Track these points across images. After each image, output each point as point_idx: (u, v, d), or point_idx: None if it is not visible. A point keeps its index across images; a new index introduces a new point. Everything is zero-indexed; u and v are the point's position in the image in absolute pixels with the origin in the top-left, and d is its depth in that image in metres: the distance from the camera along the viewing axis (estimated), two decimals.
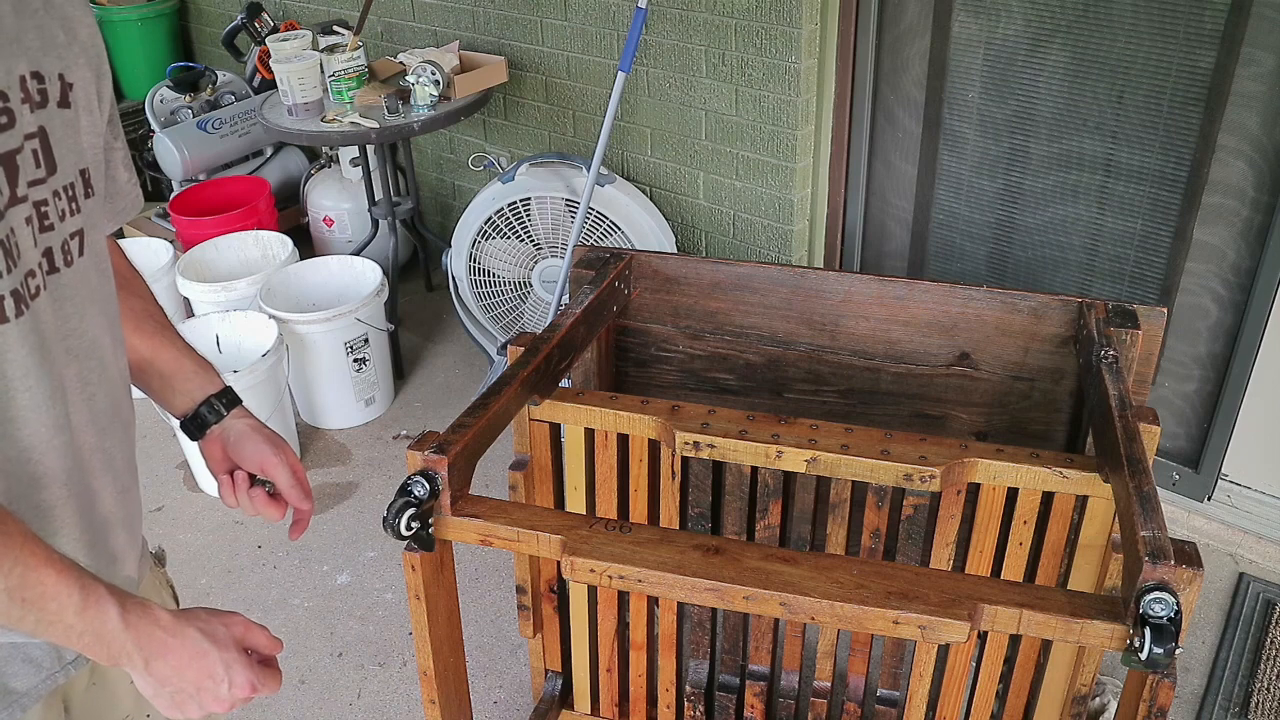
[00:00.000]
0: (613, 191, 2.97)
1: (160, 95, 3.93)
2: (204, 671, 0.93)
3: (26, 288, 0.88)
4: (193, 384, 1.17)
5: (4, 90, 0.85)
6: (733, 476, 1.66)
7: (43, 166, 0.89)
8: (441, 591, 1.36)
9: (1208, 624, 2.31)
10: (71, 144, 0.93)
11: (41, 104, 0.89)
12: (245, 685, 0.95)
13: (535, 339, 1.57)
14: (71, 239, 0.94)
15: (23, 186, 0.87)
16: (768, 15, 2.63)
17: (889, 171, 2.81)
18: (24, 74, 0.87)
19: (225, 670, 0.94)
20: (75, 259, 0.95)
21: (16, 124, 0.86)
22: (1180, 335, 2.45)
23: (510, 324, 3.18)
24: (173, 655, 0.91)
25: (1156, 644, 1.03)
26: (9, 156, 0.86)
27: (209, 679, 0.93)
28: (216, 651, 0.93)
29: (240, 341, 2.95)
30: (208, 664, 0.93)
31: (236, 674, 0.95)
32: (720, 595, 1.17)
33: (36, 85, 0.89)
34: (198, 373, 1.17)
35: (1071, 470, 1.43)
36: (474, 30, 3.37)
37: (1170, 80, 2.26)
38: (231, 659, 0.95)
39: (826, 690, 1.84)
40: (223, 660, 0.94)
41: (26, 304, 0.88)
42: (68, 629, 0.85)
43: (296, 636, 2.40)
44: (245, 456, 1.16)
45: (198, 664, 0.92)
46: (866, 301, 1.77)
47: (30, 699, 0.97)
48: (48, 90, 0.90)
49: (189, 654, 0.92)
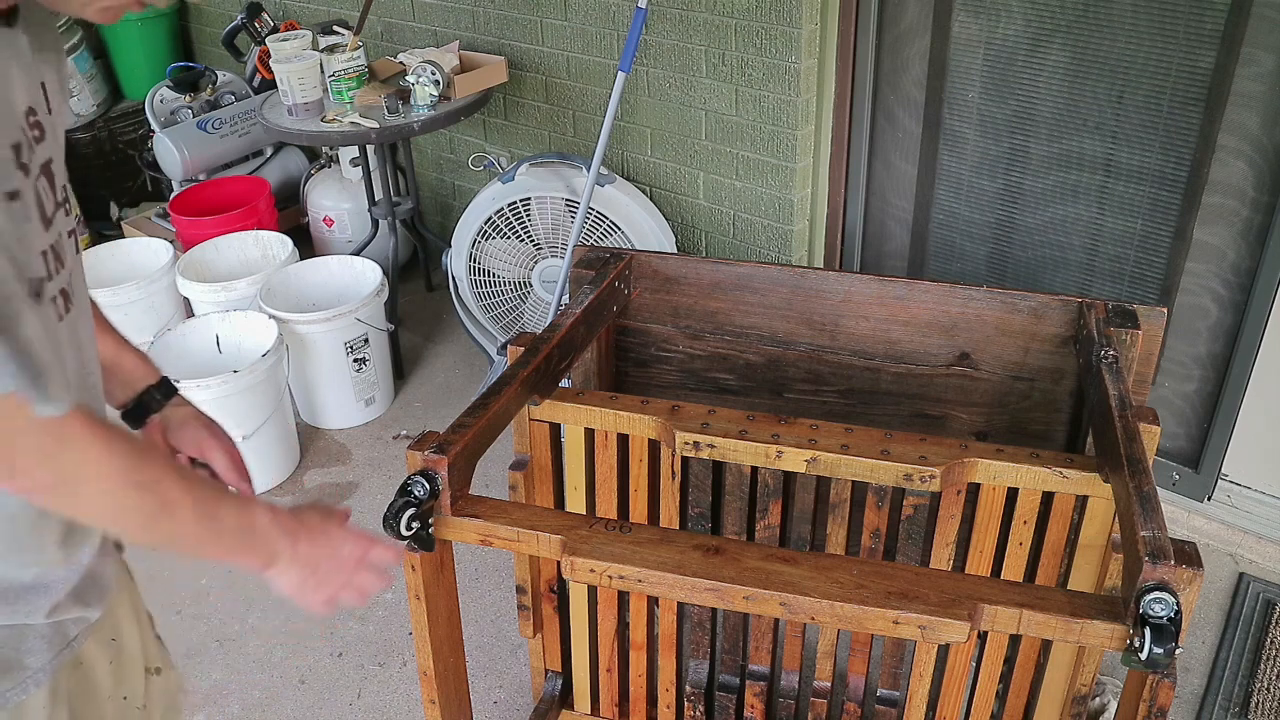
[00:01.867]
0: (613, 191, 2.97)
1: (160, 95, 3.93)
2: (329, 543, 1.07)
3: (71, 287, 0.94)
4: (134, 375, 1.23)
5: (33, 105, 0.89)
6: (733, 476, 1.66)
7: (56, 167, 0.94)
8: (441, 591, 1.37)
9: (1208, 624, 2.31)
10: (56, 143, 0.96)
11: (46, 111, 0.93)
12: (356, 546, 1.09)
13: (535, 339, 1.57)
14: (69, 236, 0.98)
15: (60, 191, 0.93)
16: (768, 15, 2.63)
17: (889, 171, 2.81)
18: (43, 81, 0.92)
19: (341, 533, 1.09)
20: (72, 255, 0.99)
21: (46, 135, 0.89)
22: (1180, 335, 2.45)
23: (510, 324, 3.18)
24: (308, 537, 1.05)
25: (1156, 644, 1.03)
26: (47, 166, 0.91)
27: (334, 547, 1.08)
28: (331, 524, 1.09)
29: (240, 341, 2.95)
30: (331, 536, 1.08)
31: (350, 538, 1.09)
32: (720, 595, 1.17)
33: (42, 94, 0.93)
34: (138, 364, 1.23)
35: (1071, 470, 1.43)
36: (474, 30, 3.37)
37: (1170, 80, 2.26)
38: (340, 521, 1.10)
39: (826, 690, 1.84)
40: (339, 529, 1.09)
41: (68, 308, 0.93)
42: (236, 533, 0.99)
43: (296, 636, 2.40)
44: (184, 441, 1.23)
45: (324, 538, 1.07)
46: (866, 301, 1.77)
47: (44, 675, 1.02)
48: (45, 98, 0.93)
49: (316, 531, 1.06)
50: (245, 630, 2.43)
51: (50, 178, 0.92)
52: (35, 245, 0.88)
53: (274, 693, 2.27)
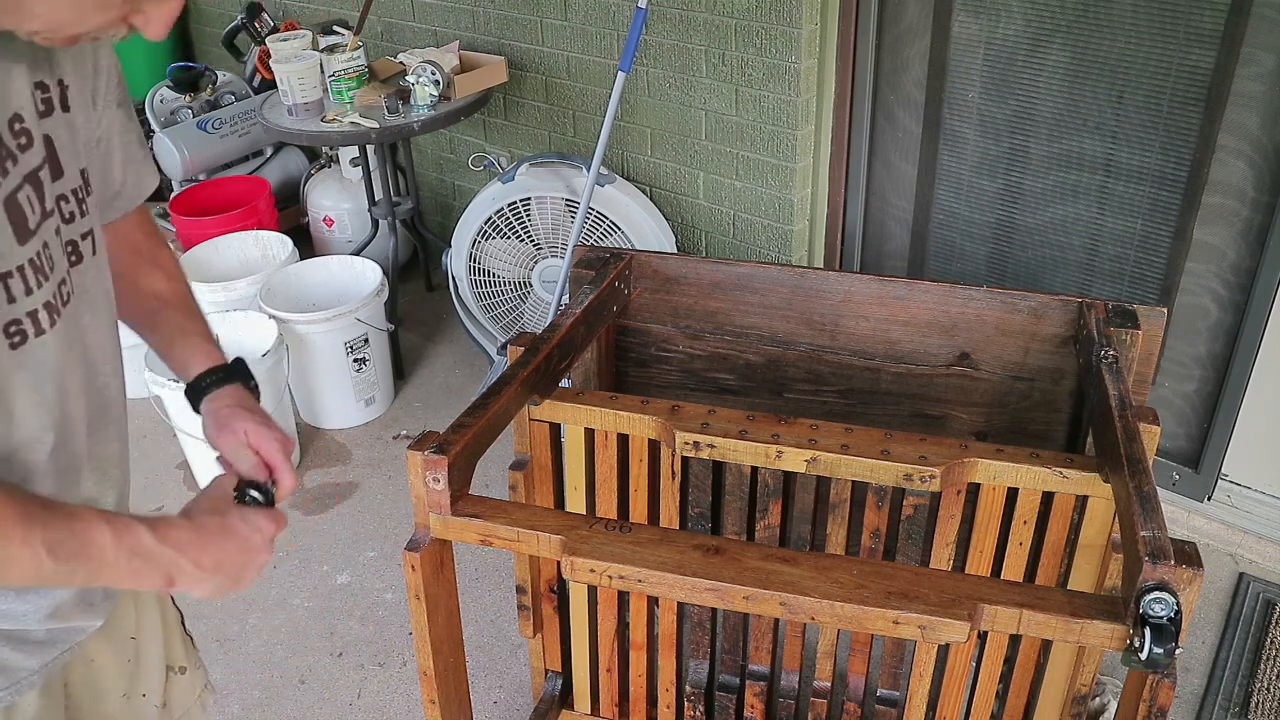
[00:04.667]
0: (613, 191, 2.97)
1: (160, 95, 3.93)
2: (235, 538, 0.99)
3: (60, 296, 0.91)
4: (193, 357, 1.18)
5: (19, 111, 0.86)
6: (733, 476, 1.66)
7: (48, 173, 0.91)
8: (441, 591, 1.37)
9: (1208, 624, 2.31)
10: (73, 146, 0.95)
11: (46, 113, 0.91)
12: (268, 523, 1.02)
13: (535, 339, 1.57)
14: (84, 239, 0.96)
15: (50, 200, 0.90)
16: (768, 15, 2.63)
17: (889, 171, 2.81)
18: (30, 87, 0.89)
19: (248, 524, 1.00)
20: (87, 257, 0.97)
21: (34, 142, 0.88)
22: (1180, 335, 2.45)
23: (510, 324, 3.18)
24: (208, 544, 0.96)
25: (1156, 644, 1.03)
26: (34, 175, 0.88)
27: (243, 540, 0.99)
28: (230, 518, 1.00)
29: (240, 341, 2.95)
30: (236, 531, 0.99)
31: (256, 520, 1.01)
32: (720, 595, 1.17)
33: (41, 95, 0.90)
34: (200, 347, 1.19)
35: (1071, 470, 1.43)
36: (474, 30, 3.37)
37: (1170, 80, 2.26)
38: (243, 514, 1.01)
39: (826, 690, 1.84)
40: (239, 518, 1.00)
41: (59, 312, 0.91)
42: (114, 565, 0.89)
43: (296, 636, 2.40)
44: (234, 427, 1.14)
45: (227, 536, 0.98)
46: (866, 301, 1.77)
47: (37, 678, 1.01)
48: (51, 98, 0.92)
49: (216, 533, 0.98)
50: (245, 630, 2.42)
51: (38, 186, 0.88)
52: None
53: (274, 693, 2.27)
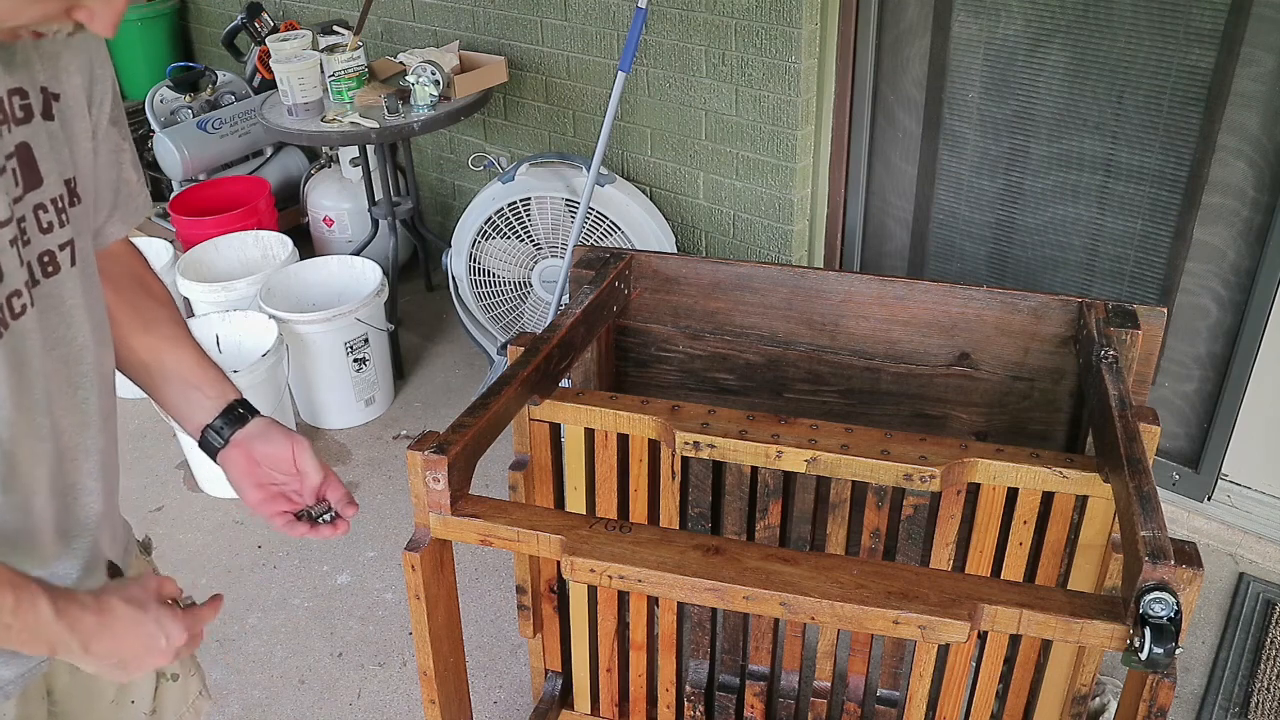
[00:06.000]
0: (613, 191, 2.97)
1: (160, 95, 3.93)
2: (140, 636, 0.95)
3: (9, 308, 0.89)
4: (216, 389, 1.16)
5: None
6: (733, 476, 1.66)
7: (21, 184, 0.90)
8: (441, 591, 1.37)
9: (1208, 624, 2.31)
10: (56, 155, 0.93)
11: (24, 119, 0.89)
12: (181, 633, 0.98)
13: (535, 339, 1.57)
14: (61, 250, 0.95)
15: (5, 209, 0.88)
16: (768, 15, 2.63)
17: (889, 171, 2.81)
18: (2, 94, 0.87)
19: (159, 627, 0.96)
20: (65, 268, 0.95)
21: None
22: (1180, 335, 2.45)
23: (510, 324, 3.18)
24: (106, 633, 0.92)
25: (1156, 644, 1.03)
26: None
27: (147, 639, 0.95)
28: (145, 614, 0.95)
29: (240, 341, 2.95)
30: (143, 629, 0.95)
31: (170, 626, 0.97)
32: (720, 595, 1.17)
33: (20, 101, 0.89)
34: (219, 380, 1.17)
35: (1071, 470, 1.43)
36: (474, 30, 3.37)
37: (1170, 80, 2.26)
38: (160, 614, 0.96)
39: (826, 690, 1.84)
40: (154, 619, 0.96)
41: (6, 325, 0.89)
42: (6, 629, 0.87)
43: (296, 636, 2.41)
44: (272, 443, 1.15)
45: (133, 632, 0.94)
46: (866, 301, 1.77)
47: (15, 686, 1.00)
48: (31, 105, 0.90)
49: (122, 626, 0.94)
50: (245, 630, 2.42)
51: None
52: None
53: (274, 693, 2.27)
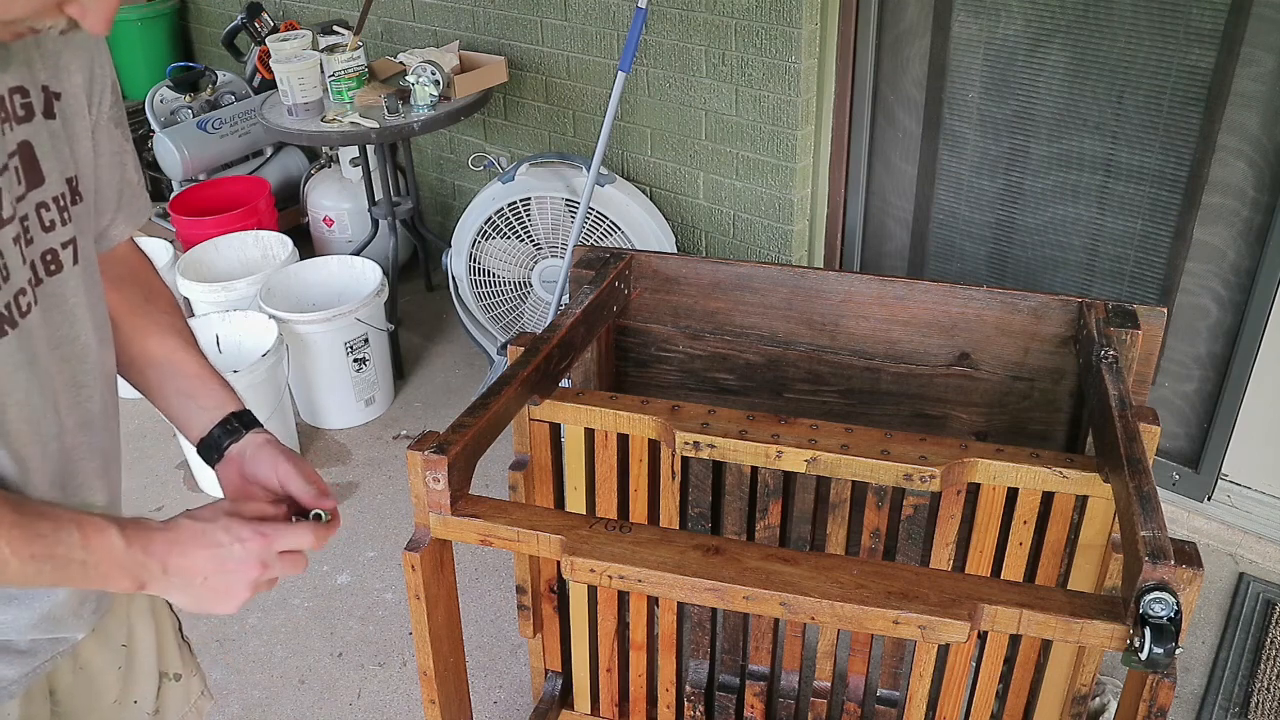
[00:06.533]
0: (613, 191, 2.97)
1: (160, 95, 3.93)
2: (208, 545, 0.94)
3: (16, 306, 0.89)
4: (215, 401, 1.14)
5: None
6: (733, 476, 1.66)
7: (23, 183, 0.90)
8: (441, 591, 1.37)
9: (1208, 624, 2.31)
10: (57, 154, 0.93)
11: (25, 118, 0.89)
12: (254, 536, 0.96)
13: (535, 339, 1.57)
14: (64, 248, 0.95)
15: (8, 207, 0.88)
16: (768, 15, 2.63)
17: (889, 171, 2.81)
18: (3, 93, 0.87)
19: (227, 534, 0.95)
20: (67, 266, 0.95)
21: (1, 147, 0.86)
22: (1180, 335, 2.45)
23: (510, 324, 3.18)
24: (176, 548, 0.93)
25: (1156, 644, 1.03)
26: None
27: (216, 547, 0.95)
28: (212, 524, 0.95)
29: (240, 341, 2.95)
30: (209, 537, 0.95)
31: (239, 531, 0.96)
32: (720, 595, 1.17)
33: (21, 100, 0.89)
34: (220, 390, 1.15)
35: (1071, 470, 1.43)
36: (474, 30, 3.37)
37: (1170, 80, 2.26)
38: (229, 523, 0.96)
39: (826, 690, 1.84)
40: (221, 527, 0.95)
41: (14, 323, 0.89)
42: (83, 565, 0.87)
43: (296, 636, 2.40)
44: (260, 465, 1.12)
45: (199, 541, 0.94)
46: (866, 301, 1.77)
47: (18, 686, 1.00)
48: (32, 104, 0.90)
49: (188, 535, 0.94)
50: (245, 630, 2.42)
51: None
52: None
53: (274, 693, 2.27)
